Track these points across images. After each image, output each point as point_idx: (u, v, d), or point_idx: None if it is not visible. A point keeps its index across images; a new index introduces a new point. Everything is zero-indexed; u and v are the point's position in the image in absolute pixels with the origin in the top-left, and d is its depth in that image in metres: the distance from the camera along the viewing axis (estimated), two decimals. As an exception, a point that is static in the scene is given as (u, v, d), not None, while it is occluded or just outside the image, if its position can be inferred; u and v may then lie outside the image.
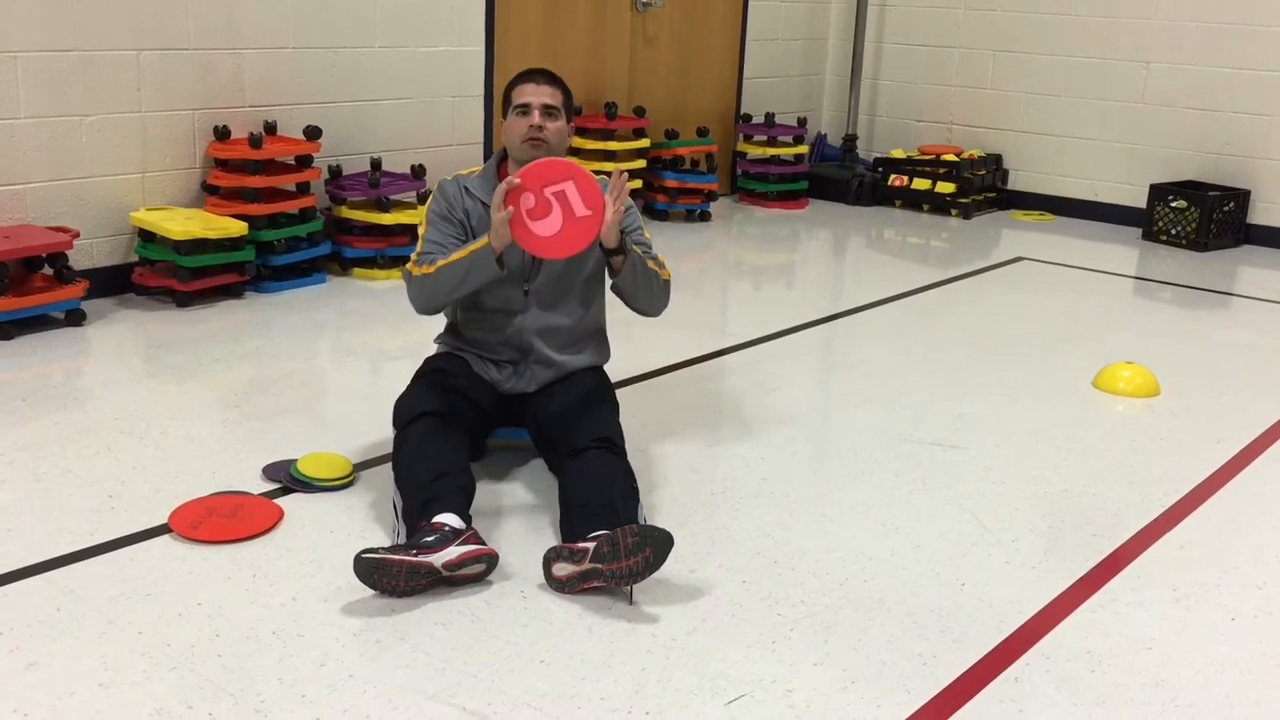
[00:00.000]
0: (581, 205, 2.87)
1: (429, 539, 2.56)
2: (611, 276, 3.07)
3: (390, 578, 2.50)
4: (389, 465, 2.93)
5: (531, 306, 3.11)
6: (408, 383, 3.11)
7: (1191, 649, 2.52)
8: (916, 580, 2.75)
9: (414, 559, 2.51)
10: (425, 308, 3.08)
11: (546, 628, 2.48)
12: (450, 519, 2.63)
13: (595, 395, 3.07)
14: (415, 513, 2.68)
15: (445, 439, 2.84)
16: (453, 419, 2.91)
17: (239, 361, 4.06)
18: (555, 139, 3.06)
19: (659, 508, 3.03)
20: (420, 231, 3.12)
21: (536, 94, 3.06)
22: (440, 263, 2.98)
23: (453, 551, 2.54)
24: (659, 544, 2.53)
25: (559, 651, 2.39)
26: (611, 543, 2.52)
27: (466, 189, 3.12)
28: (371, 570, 2.50)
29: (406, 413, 2.93)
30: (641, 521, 2.77)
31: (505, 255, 2.95)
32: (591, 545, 2.55)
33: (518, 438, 3.25)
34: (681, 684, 2.31)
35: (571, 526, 2.71)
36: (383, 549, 2.54)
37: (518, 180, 2.86)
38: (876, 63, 7.70)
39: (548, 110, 3.05)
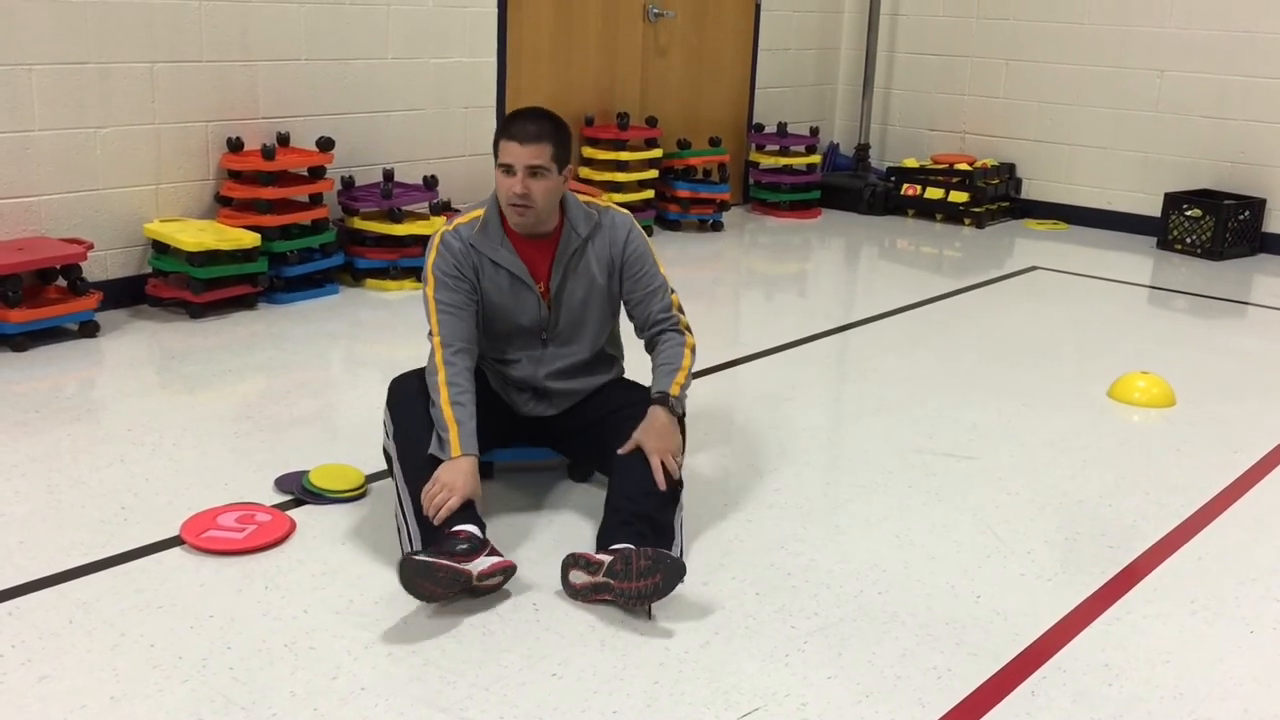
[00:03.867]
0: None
1: (461, 546, 2.54)
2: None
3: (434, 582, 2.47)
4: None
5: (548, 352, 3.03)
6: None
7: (1210, 662, 2.50)
8: (931, 592, 2.73)
9: (457, 565, 2.49)
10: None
11: (559, 640, 2.47)
12: (471, 528, 2.62)
13: (633, 397, 3.02)
14: (430, 522, 2.65)
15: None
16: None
17: (252, 373, 4.06)
18: (543, 200, 2.81)
19: (672, 519, 3.02)
20: (428, 291, 2.87)
21: (519, 155, 2.76)
22: (445, 400, 2.75)
23: (483, 562, 2.54)
24: (670, 572, 2.52)
25: (571, 664, 2.38)
26: (626, 561, 2.52)
27: (474, 246, 2.89)
28: (421, 573, 2.45)
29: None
30: (678, 527, 2.78)
31: (525, 310, 2.93)
32: (608, 560, 2.56)
33: (531, 458, 3.22)
34: (694, 697, 2.29)
35: (605, 529, 2.72)
36: (428, 552, 2.51)
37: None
38: (889, 72, 7.69)
39: (533, 171, 2.77)
